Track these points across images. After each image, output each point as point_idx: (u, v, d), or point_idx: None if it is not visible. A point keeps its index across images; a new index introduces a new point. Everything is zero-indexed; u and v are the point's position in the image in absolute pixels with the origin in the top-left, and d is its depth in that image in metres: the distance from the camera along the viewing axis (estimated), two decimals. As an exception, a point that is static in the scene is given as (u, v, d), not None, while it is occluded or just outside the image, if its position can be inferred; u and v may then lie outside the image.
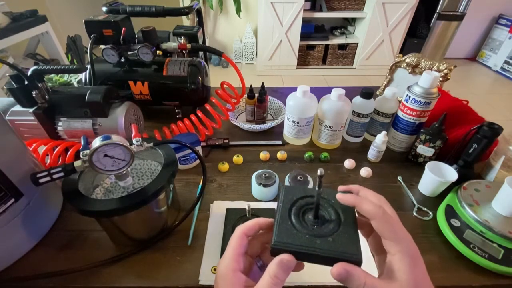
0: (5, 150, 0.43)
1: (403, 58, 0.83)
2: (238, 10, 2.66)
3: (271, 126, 0.76)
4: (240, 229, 0.29)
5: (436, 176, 0.55)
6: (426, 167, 0.57)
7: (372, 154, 0.67)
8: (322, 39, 2.65)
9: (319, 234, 0.26)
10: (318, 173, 0.26)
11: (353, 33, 2.78)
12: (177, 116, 0.78)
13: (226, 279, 0.26)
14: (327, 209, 0.28)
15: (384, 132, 0.63)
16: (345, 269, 0.23)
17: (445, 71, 0.74)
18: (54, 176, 0.39)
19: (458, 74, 2.79)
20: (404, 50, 2.74)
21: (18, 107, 0.59)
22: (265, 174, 0.56)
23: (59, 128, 0.61)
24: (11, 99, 0.81)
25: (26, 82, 0.55)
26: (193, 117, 0.69)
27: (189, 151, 0.61)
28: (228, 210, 0.53)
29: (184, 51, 0.75)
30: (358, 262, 0.24)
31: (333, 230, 0.26)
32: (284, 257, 0.24)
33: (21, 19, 1.68)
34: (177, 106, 0.78)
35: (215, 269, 0.44)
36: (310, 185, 0.55)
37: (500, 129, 0.54)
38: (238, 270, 0.26)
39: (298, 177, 0.55)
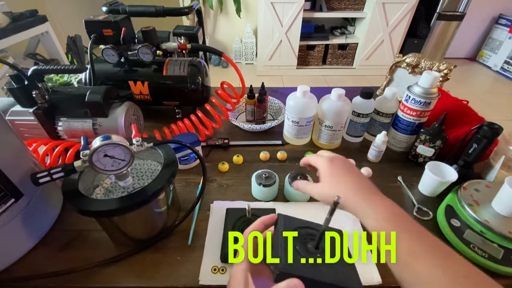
0: (5, 150, 0.43)
1: (403, 58, 0.83)
2: (238, 10, 2.66)
3: (271, 126, 0.76)
4: (247, 231, 0.30)
5: (436, 176, 0.55)
6: (426, 167, 0.57)
7: (372, 154, 0.67)
8: (322, 39, 2.65)
9: (323, 263, 0.26)
10: (335, 199, 0.26)
11: (353, 33, 2.78)
12: (177, 116, 0.78)
13: (235, 277, 0.28)
14: (324, 241, 0.29)
15: (384, 132, 0.63)
16: (296, 183, 0.44)
17: (445, 71, 0.74)
18: (54, 176, 0.39)
19: (458, 74, 2.79)
20: (404, 50, 2.73)
21: (18, 107, 0.59)
22: (265, 174, 0.56)
23: (59, 128, 0.61)
24: (11, 99, 0.81)
25: (26, 82, 0.55)
26: (193, 117, 0.69)
27: (189, 151, 0.61)
28: (228, 210, 0.53)
29: (184, 51, 0.75)
30: None
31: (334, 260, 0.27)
32: (294, 281, 0.23)
33: (21, 19, 1.68)
34: (177, 106, 0.78)
35: (215, 269, 0.44)
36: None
37: (500, 129, 0.54)
38: (248, 270, 0.27)
39: (298, 177, 0.55)
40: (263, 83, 0.78)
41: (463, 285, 0.26)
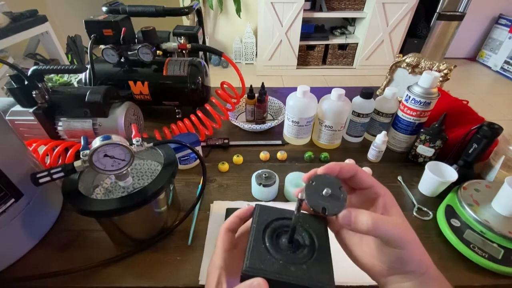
0: (5, 150, 0.43)
1: (403, 58, 0.83)
2: (238, 10, 2.66)
3: (271, 126, 0.76)
4: (222, 226, 0.29)
5: (436, 176, 0.55)
6: (426, 167, 0.57)
7: (372, 154, 0.67)
8: (322, 39, 2.65)
9: (293, 260, 0.25)
10: (299, 196, 0.24)
11: (353, 33, 2.78)
12: (177, 116, 0.78)
13: (209, 275, 0.27)
14: (301, 233, 0.27)
15: (384, 132, 0.63)
16: (350, 213, 0.24)
17: (445, 71, 0.74)
18: (54, 176, 0.39)
19: (458, 74, 2.79)
20: (404, 50, 2.73)
21: (18, 107, 0.59)
22: (265, 174, 0.56)
23: (59, 128, 0.61)
24: (11, 99, 0.81)
25: (26, 82, 0.55)
26: (193, 117, 0.69)
27: (189, 151, 0.61)
28: (228, 210, 0.53)
29: (184, 51, 0.75)
30: None
31: (307, 256, 0.25)
32: (257, 281, 0.23)
33: (21, 19, 1.67)
34: (177, 106, 0.78)
35: (215, 269, 0.44)
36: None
37: (500, 129, 0.54)
38: (223, 268, 0.26)
39: (340, 188, 0.53)
40: (263, 83, 0.78)
41: None
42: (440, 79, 0.75)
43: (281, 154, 0.68)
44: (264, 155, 0.67)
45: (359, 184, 0.28)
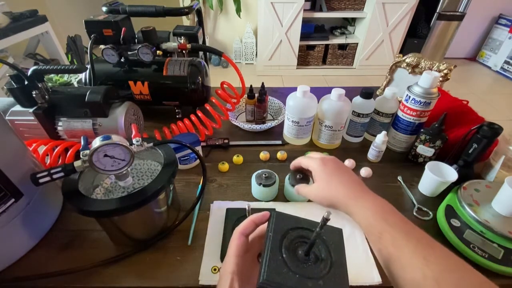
0: (5, 150, 0.43)
1: (403, 58, 0.83)
2: (238, 10, 2.66)
3: (271, 126, 0.76)
4: (237, 230, 0.29)
5: (436, 176, 0.55)
6: (426, 167, 0.57)
7: (372, 154, 0.67)
8: (322, 39, 2.65)
9: (310, 275, 0.24)
10: (325, 215, 0.25)
11: (353, 33, 2.78)
12: (177, 116, 0.78)
13: (222, 279, 0.27)
14: (318, 246, 0.27)
15: (384, 132, 0.63)
16: (298, 189, 0.44)
17: (445, 71, 0.74)
18: (54, 176, 0.39)
19: (458, 74, 2.79)
20: (404, 50, 2.73)
21: (18, 107, 0.59)
22: (265, 174, 0.56)
23: (59, 128, 0.61)
24: (11, 99, 0.81)
25: (26, 82, 0.55)
26: (193, 117, 0.69)
27: (189, 151, 0.61)
28: (228, 210, 0.53)
29: (184, 51, 0.75)
30: None
31: (324, 271, 0.25)
32: None
33: (21, 19, 1.68)
34: (177, 106, 0.78)
35: (215, 269, 0.44)
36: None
37: (500, 129, 0.54)
38: (235, 272, 0.26)
39: (298, 176, 0.54)
40: (263, 83, 0.78)
41: (443, 273, 0.26)
42: (440, 79, 0.75)
43: (281, 154, 0.68)
44: (264, 155, 0.67)
45: (306, 169, 0.44)
